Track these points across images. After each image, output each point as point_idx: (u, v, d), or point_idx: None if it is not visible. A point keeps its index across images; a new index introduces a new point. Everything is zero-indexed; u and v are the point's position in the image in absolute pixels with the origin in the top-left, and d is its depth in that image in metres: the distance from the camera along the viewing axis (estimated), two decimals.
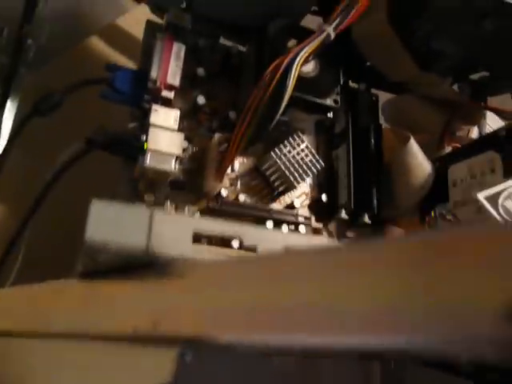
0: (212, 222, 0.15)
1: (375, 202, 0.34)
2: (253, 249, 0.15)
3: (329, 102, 0.32)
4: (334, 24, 0.28)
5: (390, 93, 0.39)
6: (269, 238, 0.16)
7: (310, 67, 0.32)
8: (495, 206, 0.24)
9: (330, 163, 0.36)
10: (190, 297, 0.13)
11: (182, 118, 0.31)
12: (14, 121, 0.32)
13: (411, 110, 0.38)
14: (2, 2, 0.32)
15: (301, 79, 0.31)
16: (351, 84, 0.38)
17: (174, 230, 0.14)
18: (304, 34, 0.30)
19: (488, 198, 0.24)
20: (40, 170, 0.29)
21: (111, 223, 0.13)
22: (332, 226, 0.35)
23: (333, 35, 0.28)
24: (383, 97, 0.39)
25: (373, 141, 0.36)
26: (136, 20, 0.34)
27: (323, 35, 0.28)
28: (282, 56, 0.28)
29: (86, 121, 0.31)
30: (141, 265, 0.14)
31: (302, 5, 0.32)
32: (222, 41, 0.34)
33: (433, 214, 0.31)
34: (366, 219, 0.34)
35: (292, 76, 0.27)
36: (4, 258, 0.28)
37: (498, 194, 0.24)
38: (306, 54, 0.28)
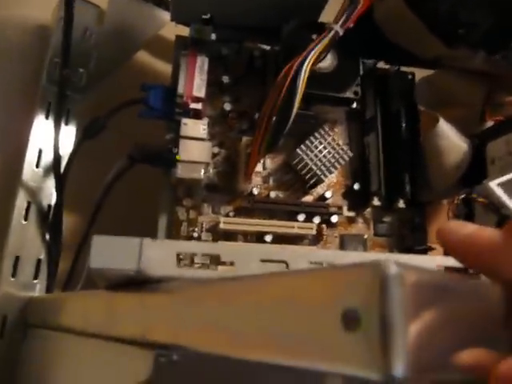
0: (193, 244, 0.18)
1: (408, 187, 0.34)
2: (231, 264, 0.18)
3: (348, 94, 0.32)
4: (341, 21, 0.29)
5: (425, 69, 0.38)
6: (246, 253, 0.18)
7: (327, 62, 0.32)
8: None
9: (363, 150, 0.36)
10: (169, 312, 0.16)
11: (212, 123, 0.34)
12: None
13: (449, 85, 0.37)
14: None
15: (319, 76, 0.32)
16: (383, 66, 0.38)
17: (160, 254, 0.17)
18: (323, 29, 0.30)
19: (503, 185, 0.24)
20: (95, 184, 0.33)
21: (108, 253, 0.17)
22: (368, 213, 0.36)
23: (341, 32, 0.29)
24: (419, 74, 0.38)
25: (404, 125, 0.35)
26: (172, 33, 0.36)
27: (331, 34, 0.29)
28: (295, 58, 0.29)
29: (131, 137, 0.35)
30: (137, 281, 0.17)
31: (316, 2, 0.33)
32: (247, 43, 0.36)
33: (456, 199, 0.30)
34: (401, 204, 0.35)
35: (301, 80, 0.28)
36: (74, 263, 0.33)
37: None
38: (316, 55, 0.28)
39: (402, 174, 0.35)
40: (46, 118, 0.36)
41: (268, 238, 0.33)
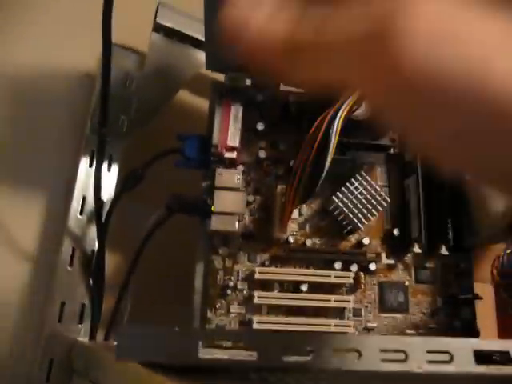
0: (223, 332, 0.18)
1: (451, 233, 0.33)
2: None
3: (385, 141, 0.31)
4: None
5: None
6: None
7: (362, 109, 0.32)
8: None
9: (403, 194, 0.35)
10: None
11: (248, 170, 0.34)
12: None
13: None
14: None
15: (355, 123, 0.32)
16: None
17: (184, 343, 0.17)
18: None
19: None
20: (137, 230, 0.34)
21: (135, 344, 0.17)
22: (409, 258, 0.34)
23: None
24: None
25: None
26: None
27: None
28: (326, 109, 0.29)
29: (170, 185, 0.36)
30: None
31: None
32: (282, 89, 0.36)
33: (502, 255, 0.29)
34: (444, 251, 0.33)
35: (334, 134, 0.28)
36: (117, 304, 0.34)
37: None
38: (348, 107, 0.28)
39: (444, 219, 0.33)
40: (90, 166, 0.37)
41: (304, 287, 0.32)
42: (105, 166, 0.38)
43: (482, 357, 0.18)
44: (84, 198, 0.36)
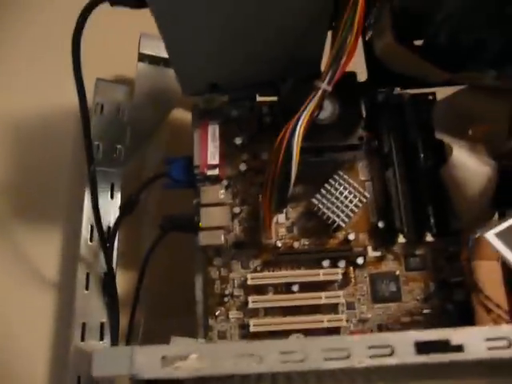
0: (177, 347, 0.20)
1: (432, 220, 0.34)
2: None
3: (353, 140, 0.32)
4: (328, 79, 0.29)
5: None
6: None
7: (328, 113, 0.33)
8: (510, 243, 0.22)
9: (385, 186, 0.36)
10: None
11: (234, 183, 0.36)
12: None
13: (469, 104, 0.35)
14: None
15: (322, 127, 0.33)
16: (400, 91, 0.38)
17: (147, 357, 0.20)
18: None
19: (501, 235, 0.23)
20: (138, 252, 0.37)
21: (106, 362, 0.20)
22: (398, 248, 0.35)
23: (329, 89, 0.29)
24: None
25: (422, 155, 0.35)
26: None
27: (319, 93, 0.29)
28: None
29: (166, 205, 0.39)
30: None
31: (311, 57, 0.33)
32: (257, 101, 0.38)
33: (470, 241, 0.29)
34: (429, 238, 0.34)
35: (295, 145, 0.29)
36: (131, 322, 0.38)
37: None
38: (307, 117, 0.29)
39: (425, 207, 0.34)
40: None
41: (295, 287, 0.34)
42: (108, 194, 0.41)
43: (424, 347, 0.20)
44: (92, 227, 0.40)
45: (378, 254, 0.35)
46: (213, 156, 0.35)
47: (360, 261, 0.34)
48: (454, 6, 0.29)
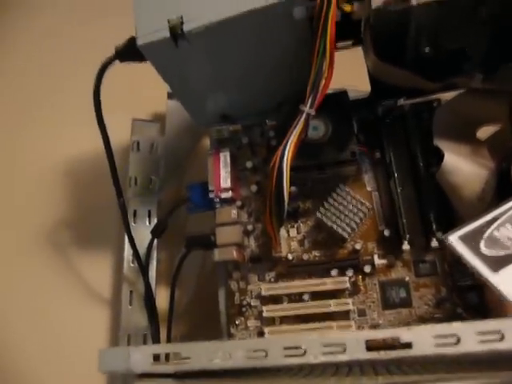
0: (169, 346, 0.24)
1: (435, 225, 0.35)
2: None
3: (344, 156, 0.34)
4: (309, 102, 0.32)
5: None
6: None
7: (321, 132, 0.35)
8: (474, 246, 0.23)
9: (391, 195, 0.37)
10: None
11: (249, 203, 0.40)
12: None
13: (470, 107, 0.36)
14: None
15: (316, 146, 0.35)
16: (401, 102, 0.39)
17: (141, 355, 0.24)
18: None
19: (464, 238, 0.23)
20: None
21: (109, 360, 0.24)
22: (407, 254, 0.36)
23: (313, 112, 0.32)
24: None
25: (421, 164, 0.36)
26: None
27: (303, 118, 0.32)
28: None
29: (191, 227, 0.43)
30: None
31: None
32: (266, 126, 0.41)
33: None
34: (435, 243, 0.35)
35: (285, 168, 0.32)
36: (169, 333, 0.42)
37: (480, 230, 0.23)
38: (294, 141, 0.32)
39: (427, 213, 0.35)
40: (134, 222, 0.46)
41: (306, 296, 0.36)
42: (146, 220, 0.47)
43: (374, 344, 0.21)
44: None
45: (384, 261, 0.36)
46: (225, 180, 0.39)
47: (367, 269, 0.36)
48: (424, 16, 0.30)
